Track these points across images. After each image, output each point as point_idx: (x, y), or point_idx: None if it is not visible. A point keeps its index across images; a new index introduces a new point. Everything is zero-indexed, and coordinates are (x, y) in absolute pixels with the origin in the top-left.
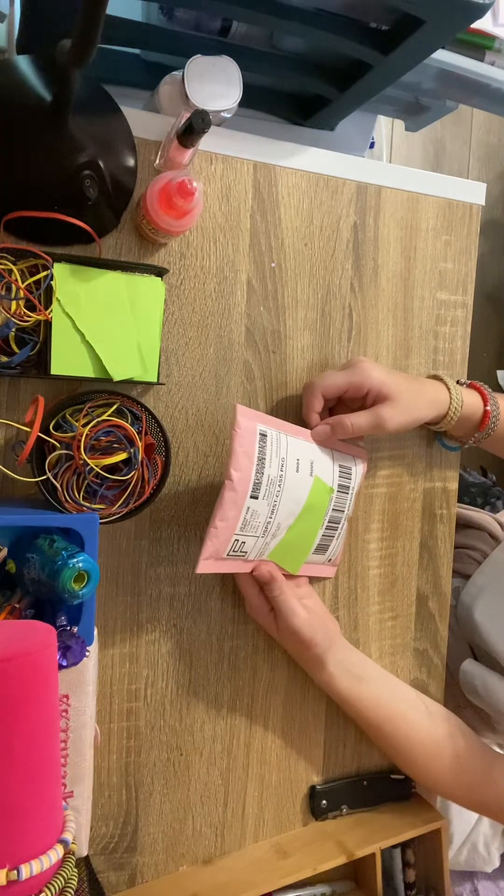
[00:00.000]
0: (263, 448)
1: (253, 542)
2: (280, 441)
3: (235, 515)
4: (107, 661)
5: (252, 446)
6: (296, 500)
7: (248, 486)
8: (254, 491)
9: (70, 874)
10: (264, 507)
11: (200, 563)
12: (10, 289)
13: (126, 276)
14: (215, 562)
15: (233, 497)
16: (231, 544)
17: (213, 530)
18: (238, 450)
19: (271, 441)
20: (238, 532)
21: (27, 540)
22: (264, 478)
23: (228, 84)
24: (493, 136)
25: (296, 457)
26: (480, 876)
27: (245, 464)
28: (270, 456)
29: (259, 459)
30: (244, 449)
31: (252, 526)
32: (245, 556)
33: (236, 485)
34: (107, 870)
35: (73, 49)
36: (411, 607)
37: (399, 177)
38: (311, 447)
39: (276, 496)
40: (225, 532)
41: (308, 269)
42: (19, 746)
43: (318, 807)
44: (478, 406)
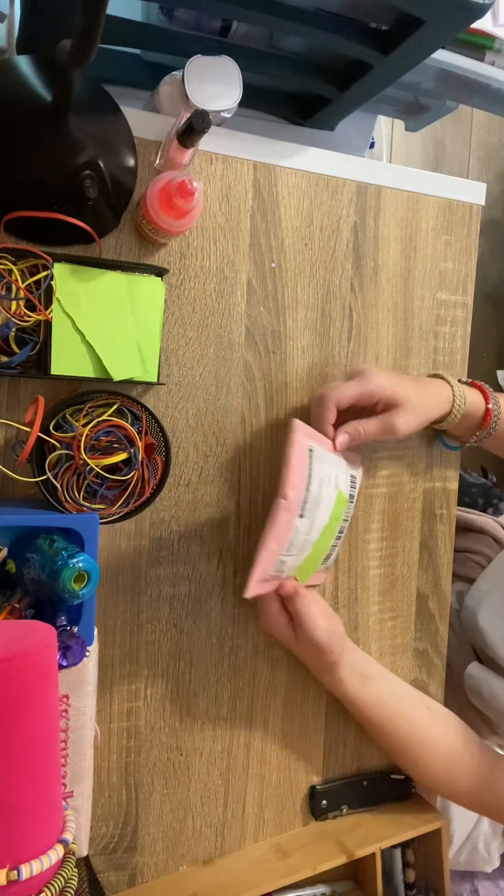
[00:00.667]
0: (311, 465)
1: (291, 561)
2: (323, 457)
3: (287, 536)
4: (107, 661)
5: (304, 464)
6: (325, 515)
7: (299, 506)
8: (301, 510)
9: (70, 874)
10: (306, 526)
11: (252, 586)
12: (10, 289)
13: (126, 276)
14: (261, 584)
15: (287, 518)
16: (276, 565)
17: (267, 553)
18: (295, 468)
19: (315, 458)
20: (284, 552)
21: (27, 540)
22: (310, 495)
23: (228, 84)
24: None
25: (328, 471)
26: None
27: (299, 482)
28: (314, 474)
29: (308, 477)
30: (300, 467)
31: (295, 545)
32: (280, 575)
33: (292, 505)
34: (107, 870)
35: (73, 49)
36: (411, 607)
37: (399, 177)
38: (334, 459)
39: (314, 513)
40: (275, 554)
41: (308, 269)
42: (19, 746)
43: (318, 807)
44: (480, 404)
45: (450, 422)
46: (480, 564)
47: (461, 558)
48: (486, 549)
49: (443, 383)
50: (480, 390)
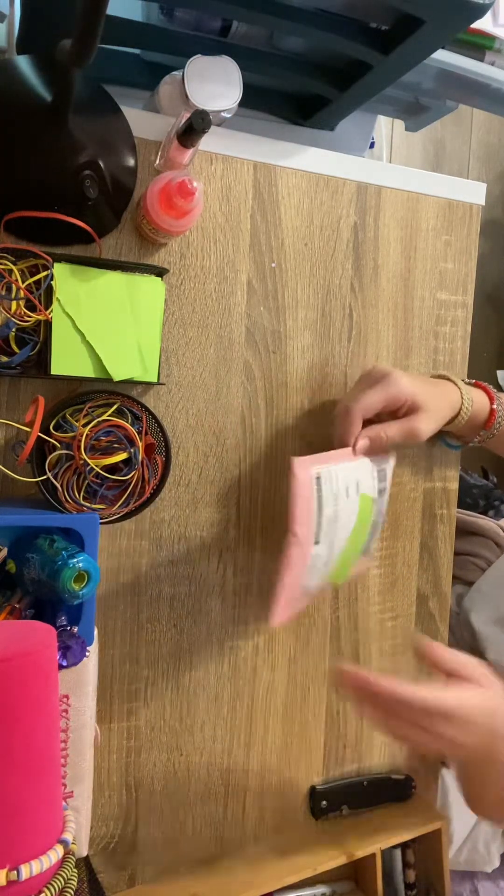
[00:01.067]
0: (320, 492)
1: (315, 579)
2: (332, 476)
3: (303, 568)
4: (107, 661)
5: (311, 496)
6: (348, 525)
7: (311, 538)
8: (316, 538)
9: (70, 874)
10: (325, 549)
11: (275, 615)
12: (10, 289)
13: (126, 276)
14: (284, 610)
15: (300, 552)
16: (299, 592)
17: (285, 589)
18: (301, 505)
19: (325, 481)
20: (304, 582)
21: (27, 540)
22: (324, 520)
23: (228, 84)
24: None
25: (345, 485)
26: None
27: (307, 517)
28: (327, 497)
29: (318, 506)
30: (305, 502)
31: (315, 569)
32: (309, 590)
33: (302, 540)
34: (107, 870)
35: (73, 49)
36: (411, 607)
37: (399, 177)
38: (353, 467)
39: (333, 533)
40: (295, 583)
41: (308, 269)
42: (19, 746)
43: (318, 807)
44: (485, 405)
45: (457, 424)
46: (481, 568)
47: (461, 561)
48: (486, 552)
49: (451, 385)
50: (485, 391)
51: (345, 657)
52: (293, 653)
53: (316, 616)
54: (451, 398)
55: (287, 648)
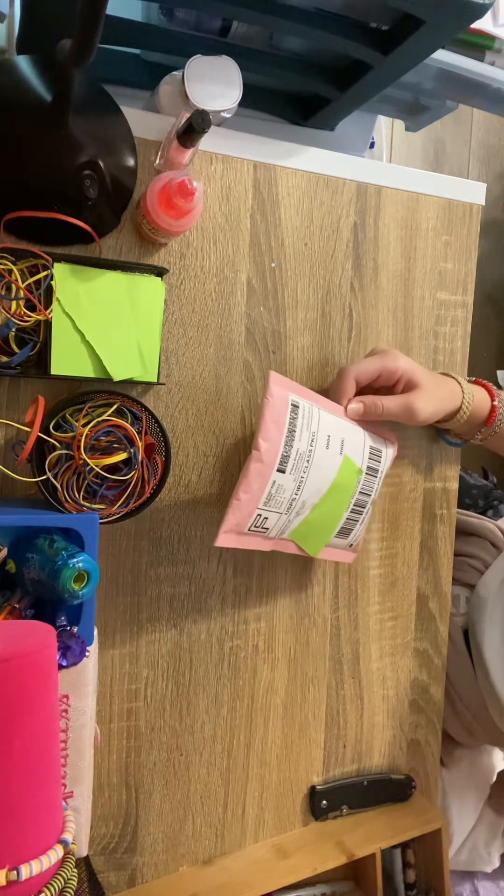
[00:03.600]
0: (294, 420)
1: (276, 519)
2: (312, 414)
3: (260, 488)
4: (107, 661)
5: (283, 416)
6: (323, 477)
7: (275, 458)
8: (281, 464)
9: (70, 874)
10: (291, 483)
11: (221, 535)
12: (10, 289)
13: (126, 276)
14: (236, 536)
15: (259, 469)
16: (253, 519)
17: (236, 502)
18: (268, 419)
19: (303, 413)
20: (262, 506)
21: (27, 540)
22: (293, 451)
23: (228, 84)
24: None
25: (327, 433)
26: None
27: (274, 434)
28: (301, 429)
29: (289, 431)
30: (274, 418)
31: (277, 501)
32: (266, 532)
33: (263, 455)
34: (107, 870)
35: (73, 49)
36: (412, 607)
37: (399, 177)
38: (343, 425)
39: (303, 471)
40: (248, 505)
41: (308, 269)
42: (19, 746)
43: (318, 807)
44: (485, 401)
45: (458, 419)
46: (478, 569)
47: (459, 563)
48: (484, 553)
49: (452, 380)
50: (486, 388)
51: (345, 658)
52: (293, 653)
53: (316, 616)
54: (451, 388)
55: (287, 648)
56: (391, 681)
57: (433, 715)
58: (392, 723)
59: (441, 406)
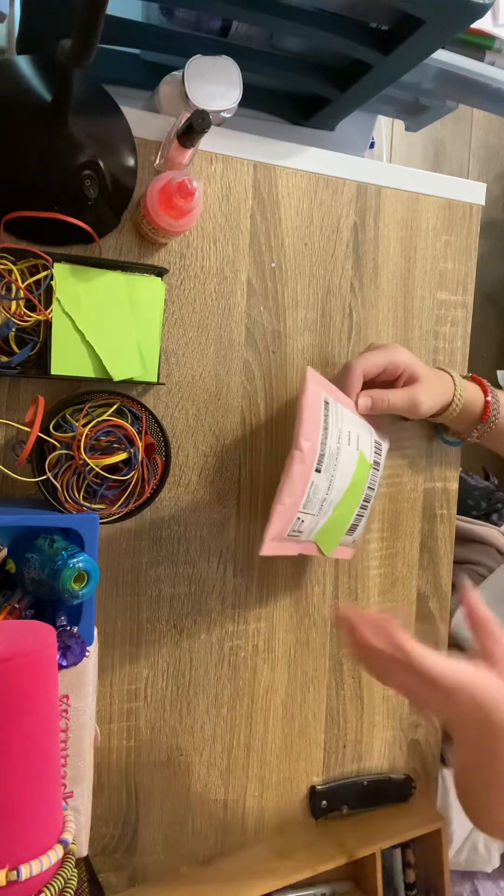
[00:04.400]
0: (327, 418)
1: (309, 521)
2: (338, 411)
3: (302, 491)
4: (107, 661)
5: (319, 414)
6: (345, 475)
7: (315, 457)
8: (318, 463)
9: (70, 874)
10: (324, 482)
11: (267, 543)
12: (10, 289)
13: (126, 276)
14: (278, 543)
15: (302, 470)
16: (294, 523)
17: (281, 507)
18: (308, 417)
19: (332, 410)
20: (301, 510)
21: (27, 540)
22: (327, 450)
23: (228, 84)
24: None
25: (349, 429)
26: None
27: (314, 433)
28: (332, 426)
29: (324, 429)
30: (313, 417)
31: (312, 503)
32: (299, 536)
33: (306, 456)
34: (107, 870)
35: (73, 49)
36: (412, 607)
37: (399, 177)
38: (356, 420)
39: (333, 470)
40: (291, 509)
41: (308, 269)
42: (19, 746)
43: (318, 807)
44: (479, 397)
45: (451, 412)
46: (483, 576)
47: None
48: (488, 560)
49: (445, 373)
50: (479, 383)
51: (345, 658)
52: (293, 653)
53: (316, 616)
54: (445, 382)
55: (287, 648)
56: None
57: None
58: (392, 723)
59: (438, 399)
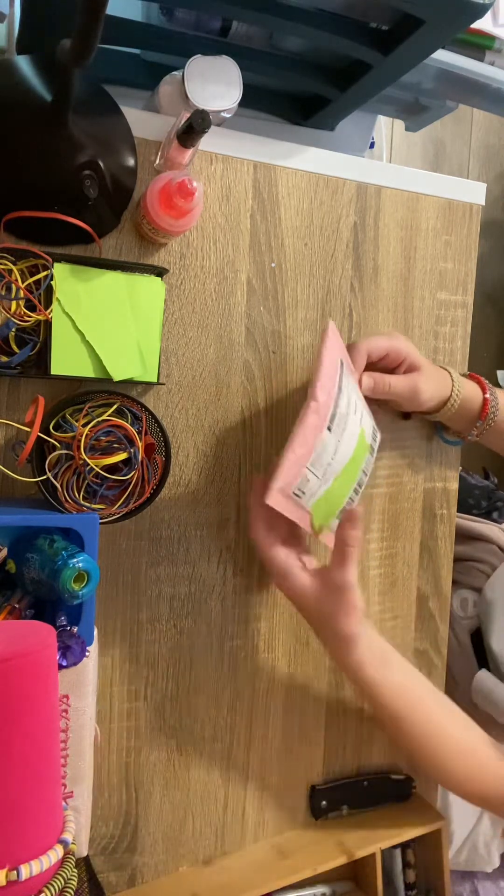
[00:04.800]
0: (340, 379)
1: (314, 483)
2: (347, 377)
3: (313, 444)
4: (107, 661)
5: (335, 371)
6: (349, 445)
7: (328, 413)
8: (330, 421)
9: (70, 874)
10: (332, 443)
11: (272, 492)
12: (10, 289)
13: (126, 276)
14: (283, 498)
15: (315, 422)
16: (300, 480)
17: (293, 456)
18: (327, 368)
19: (344, 372)
20: (309, 466)
21: (27, 540)
22: (338, 410)
23: (228, 84)
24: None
25: (356, 399)
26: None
27: (329, 386)
28: (343, 389)
29: (338, 388)
30: (330, 371)
31: (320, 463)
32: (301, 498)
33: (321, 408)
34: (107, 870)
35: (73, 49)
36: (412, 607)
37: (399, 177)
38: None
39: (341, 434)
40: (301, 461)
41: (308, 269)
42: (19, 746)
43: (318, 807)
44: (477, 394)
45: (449, 408)
46: (485, 573)
47: (466, 567)
48: (490, 557)
49: (443, 370)
50: (478, 381)
51: None
52: (293, 653)
53: None
54: (444, 376)
55: (287, 648)
56: None
57: None
58: None
59: (437, 391)
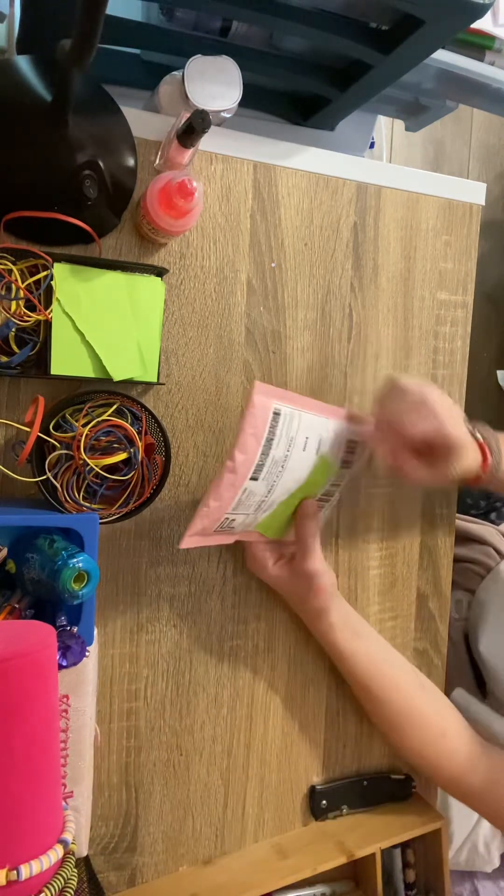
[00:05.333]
0: (274, 428)
1: (242, 519)
2: (293, 419)
3: (231, 497)
4: (107, 661)
5: (262, 427)
6: (296, 478)
7: (249, 469)
8: (255, 473)
9: (70, 874)
10: (262, 488)
11: (186, 538)
12: (10, 289)
13: (126, 276)
14: (201, 538)
15: (232, 479)
16: (221, 522)
17: (205, 509)
18: (247, 431)
19: (284, 420)
20: (230, 512)
21: (27, 540)
22: (268, 459)
23: (228, 84)
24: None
25: (305, 435)
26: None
27: (252, 446)
28: (280, 436)
29: (267, 440)
30: (254, 431)
31: (245, 505)
32: (232, 530)
33: (238, 467)
34: (107, 870)
35: (73, 49)
36: (411, 607)
37: (399, 177)
38: (322, 422)
39: (276, 476)
40: (216, 512)
41: (308, 269)
42: (19, 746)
43: (318, 807)
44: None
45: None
46: (480, 575)
47: (461, 568)
48: (486, 559)
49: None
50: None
51: None
52: (293, 653)
53: None
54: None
55: (287, 648)
56: None
57: None
58: None
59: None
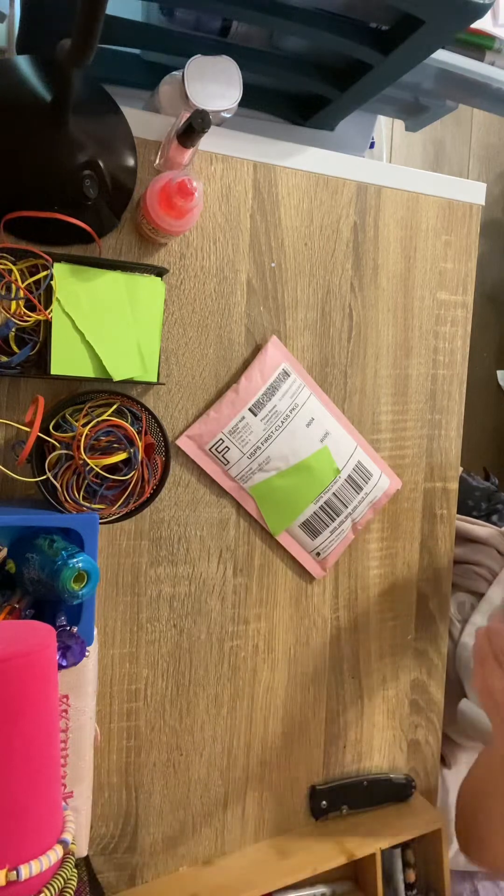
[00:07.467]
0: (281, 382)
1: (237, 458)
2: (300, 390)
3: (229, 415)
4: (107, 661)
5: (269, 373)
6: (294, 449)
7: (251, 397)
8: (255, 406)
9: (70, 874)
10: (260, 429)
11: (183, 437)
12: (10, 289)
13: (126, 276)
14: (197, 448)
15: (233, 398)
16: (215, 441)
17: (205, 416)
18: (255, 367)
19: (291, 383)
20: (226, 433)
21: (27, 540)
22: (270, 404)
23: (228, 84)
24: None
25: (311, 415)
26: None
27: (256, 379)
28: (284, 392)
29: (272, 386)
30: (261, 370)
31: (241, 439)
32: (226, 465)
33: (240, 389)
34: (107, 870)
35: (73, 49)
36: (411, 607)
37: (399, 177)
38: (332, 422)
39: (276, 428)
40: (213, 424)
41: (308, 269)
42: (19, 746)
43: (318, 807)
44: None
45: None
46: (484, 577)
47: (465, 570)
48: (490, 561)
49: None
50: None
51: (345, 658)
52: (293, 653)
53: (316, 616)
54: None
55: (287, 648)
56: (391, 681)
57: (433, 715)
58: (392, 723)
59: None
